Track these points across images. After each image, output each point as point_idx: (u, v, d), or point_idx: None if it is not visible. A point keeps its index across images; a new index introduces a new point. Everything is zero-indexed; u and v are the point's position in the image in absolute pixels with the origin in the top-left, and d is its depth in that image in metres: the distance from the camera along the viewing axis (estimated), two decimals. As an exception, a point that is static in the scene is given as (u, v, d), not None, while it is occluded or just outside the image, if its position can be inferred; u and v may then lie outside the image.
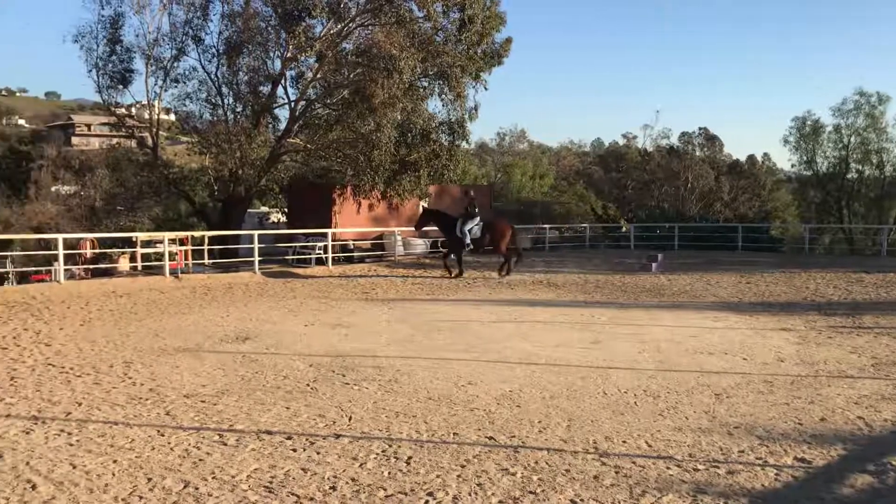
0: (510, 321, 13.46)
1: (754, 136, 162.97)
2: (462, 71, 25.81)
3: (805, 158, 43.83)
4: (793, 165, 46.55)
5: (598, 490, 5.31)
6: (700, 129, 53.82)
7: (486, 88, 28.27)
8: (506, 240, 21.58)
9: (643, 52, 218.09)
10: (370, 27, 25.49)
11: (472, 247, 21.22)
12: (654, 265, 23.22)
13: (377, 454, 5.99)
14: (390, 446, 6.19)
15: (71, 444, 6.16)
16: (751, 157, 57.01)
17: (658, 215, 38.98)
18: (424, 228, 22.76)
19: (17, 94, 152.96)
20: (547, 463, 5.86)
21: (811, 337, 11.92)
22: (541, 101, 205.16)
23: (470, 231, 20.89)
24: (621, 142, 68.92)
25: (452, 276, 21.00)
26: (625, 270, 23.09)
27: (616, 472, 5.66)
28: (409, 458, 5.91)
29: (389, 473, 5.56)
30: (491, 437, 6.49)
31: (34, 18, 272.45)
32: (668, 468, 5.78)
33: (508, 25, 28.54)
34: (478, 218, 21.18)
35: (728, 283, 19.81)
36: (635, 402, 7.78)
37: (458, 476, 5.53)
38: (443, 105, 27.23)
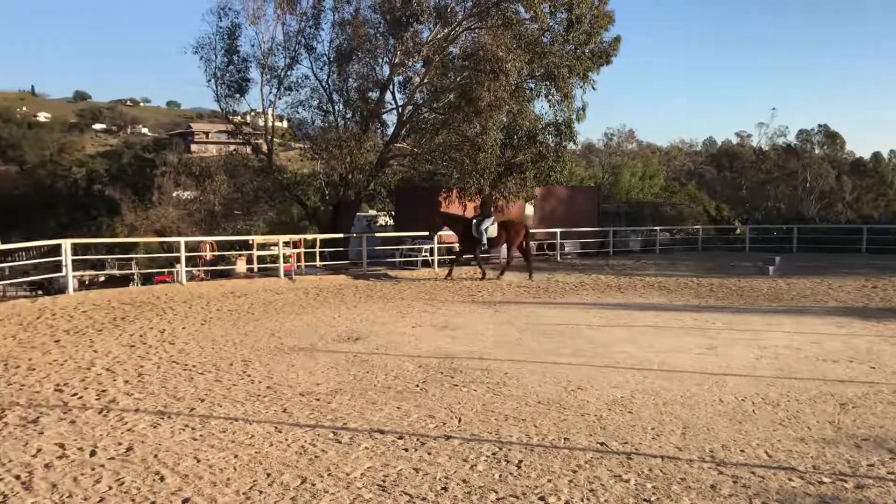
0: (620, 325, 13.23)
1: (880, 132, 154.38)
2: (569, 71, 25.55)
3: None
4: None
5: (715, 500, 5.15)
6: (820, 126, 51.54)
7: (594, 88, 27.89)
8: (520, 240, 21.49)
9: (758, 47, 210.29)
10: (476, 30, 25.56)
11: (487, 247, 21.28)
12: (771, 268, 22.33)
13: (487, 457, 5.99)
14: (500, 449, 6.19)
15: (195, 439, 6.44)
16: (876, 155, 54.07)
17: (775, 216, 37.47)
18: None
19: (142, 105, 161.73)
20: (661, 471, 5.72)
21: (946, 345, 11.18)
22: (650, 99, 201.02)
23: (486, 231, 20.90)
24: (735, 140, 66.72)
25: (483, 277, 20.91)
26: (740, 274, 22.29)
27: (734, 482, 5.47)
28: (520, 461, 5.89)
29: (500, 476, 5.55)
30: (603, 443, 6.40)
31: (157, 32, 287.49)
32: (790, 480, 5.55)
33: (617, 24, 28.08)
34: (493, 217, 21.19)
35: (852, 287, 18.83)
36: (753, 411, 7.50)
37: (570, 481, 5.47)
38: (549, 106, 27.03)
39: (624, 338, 11.90)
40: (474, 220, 21.08)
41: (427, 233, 22.78)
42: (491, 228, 20.99)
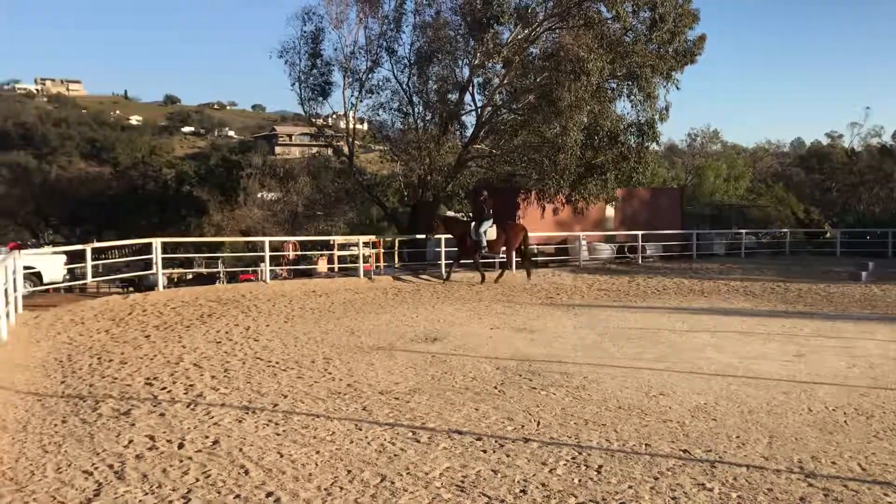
0: (704, 330, 12.91)
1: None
2: (652, 71, 25.08)
3: None
4: None
5: (805, 514, 4.96)
6: (918, 125, 49.02)
7: (677, 88, 27.28)
8: (518, 243, 21.09)
9: (850, 45, 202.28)
10: (557, 31, 25.37)
11: (487, 249, 20.76)
12: (864, 274, 21.44)
13: (567, 461, 5.92)
14: (580, 453, 6.11)
15: (278, 434, 6.58)
16: (979, 156, 51.18)
17: (868, 220, 35.91)
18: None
19: (228, 108, 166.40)
20: (746, 480, 5.55)
21: None
22: (736, 99, 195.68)
23: (485, 233, 20.43)
24: (825, 141, 64.29)
25: (482, 280, 20.40)
26: (830, 279, 21.47)
27: (825, 495, 5.26)
28: (600, 466, 5.80)
29: (580, 481, 5.48)
30: (685, 451, 6.24)
31: (243, 35, 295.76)
32: (885, 495, 5.30)
33: (702, 22, 27.40)
34: (491, 220, 20.72)
35: (953, 294, 17.91)
36: (845, 421, 7.20)
37: (652, 488, 5.35)
38: (632, 106, 26.56)
39: (707, 343, 11.61)
40: (472, 223, 20.67)
41: (425, 235, 22.50)
42: (490, 231, 20.58)
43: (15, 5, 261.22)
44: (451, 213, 23.88)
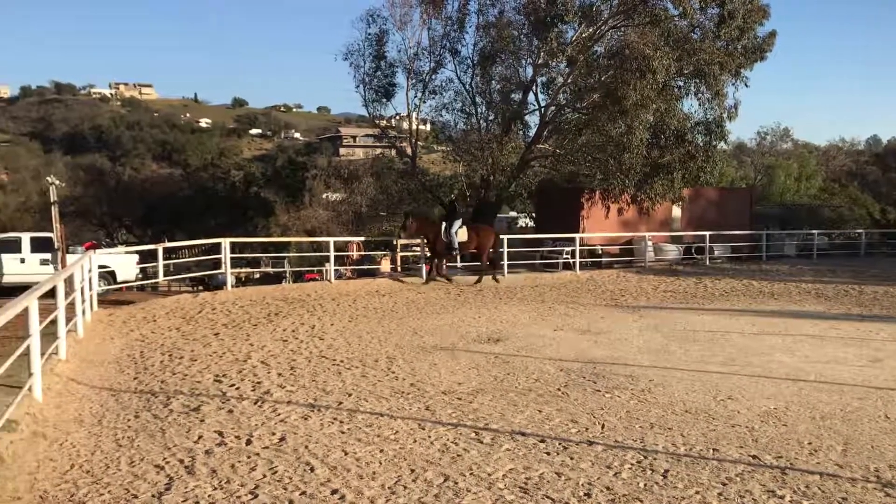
0: (774, 333, 12.57)
1: None
2: (720, 68, 24.59)
3: None
4: None
5: (883, 525, 4.79)
6: None
7: (746, 86, 26.78)
8: (489, 245, 20.46)
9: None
10: (622, 28, 25.08)
11: (458, 250, 20.11)
12: (944, 276, 20.59)
13: (632, 464, 5.84)
14: (645, 457, 6.01)
15: (342, 432, 6.65)
16: None
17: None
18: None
19: (294, 110, 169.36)
20: (819, 488, 5.38)
21: None
22: (808, 96, 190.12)
23: (456, 234, 19.69)
24: (902, 138, 61.94)
25: (426, 281, 19.67)
26: (908, 282, 20.67)
27: (905, 507, 5.06)
28: (666, 471, 5.70)
29: (645, 485, 5.39)
30: (755, 456, 6.08)
31: (309, 37, 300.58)
32: (970, 508, 5.07)
33: (772, 18, 26.74)
34: (461, 220, 20.11)
35: None
36: (926, 430, 6.92)
37: (720, 494, 5.23)
38: (699, 104, 26.14)
39: (778, 346, 11.30)
40: (444, 224, 19.84)
41: (398, 233, 21.90)
42: (461, 232, 19.87)
43: (90, 12, 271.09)
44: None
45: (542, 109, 27.60)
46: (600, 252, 25.88)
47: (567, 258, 23.67)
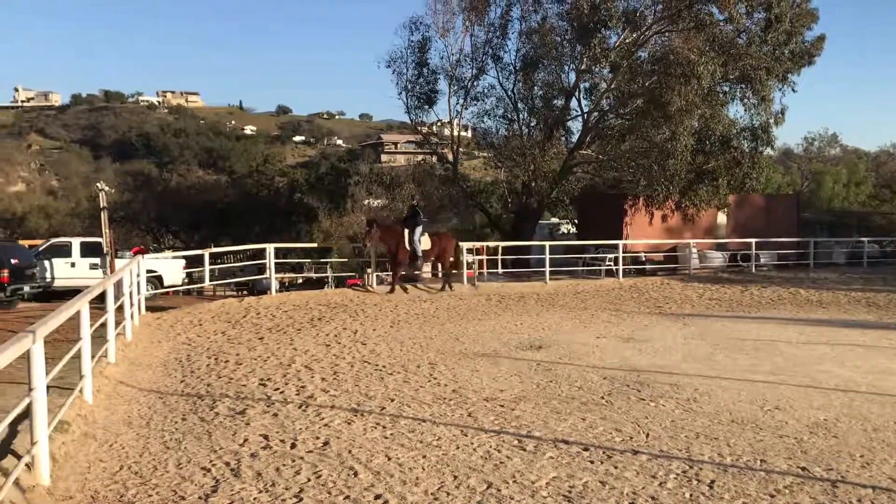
0: (823, 343, 12.31)
1: None
2: (767, 73, 24.23)
3: None
4: None
5: (939, 541, 4.65)
6: None
7: (793, 91, 26.33)
8: (451, 252, 19.61)
9: None
10: (667, 34, 24.87)
11: (422, 258, 19.08)
12: None
13: (677, 474, 5.76)
14: (691, 467, 5.92)
15: (385, 437, 6.67)
16: None
17: None
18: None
19: (337, 117, 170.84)
20: (872, 502, 5.25)
21: None
22: (857, 101, 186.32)
23: (419, 242, 18.64)
24: (957, 144, 60.31)
25: (390, 292, 18.47)
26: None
27: (962, 523, 4.91)
28: (712, 481, 5.61)
29: (691, 496, 5.31)
30: (804, 468, 5.96)
31: (352, 47, 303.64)
32: None
33: (821, 21, 26.30)
34: (421, 227, 18.86)
35: None
36: (984, 444, 6.71)
37: (768, 507, 5.14)
38: (745, 110, 25.82)
39: (827, 356, 11.07)
40: (407, 231, 18.63)
41: (361, 243, 20.39)
42: (424, 240, 18.83)
43: (139, 22, 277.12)
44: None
45: (585, 115, 27.48)
46: (644, 259, 25.61)
47: (610, 265, 23.47)
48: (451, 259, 19.81)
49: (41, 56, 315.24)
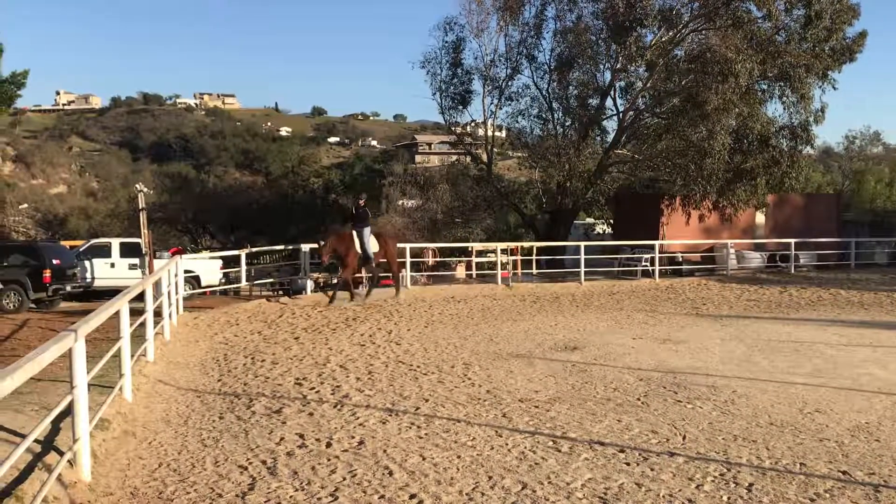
0: (864, 345, 12.08)
1: None
2: (807, 71, 23.84)
3: None
4: None
5: None
6: None
7: (834, 88, 25.88)
8: (396, 252, 18.23)
9: None
10: (703, 32, 24.62)
11: (373, 261, 17.29)
12: None
13: (714, 477, 5.68)
14: (729, 470, 5.84)
15: (420, 437, 6.68)
16: None
17: None
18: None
19: (371, 118, 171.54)
20: (916, 508, 5.13)
21: None
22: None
23: (368, 244, 17.04)
24: None
25: (330, 303, 16.60)
26: None
27: None
28: (750, 484, 5.52)
29: (729, 499, 5.24)
30: (845, 472, 5.84)
31: (386, 47, 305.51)
32: None
33: (862, 17, 25.79)
34: (369, 228, 17.31)
35: None
36: None
37: (809, 511, 5.05)
38: (783, 108, 25.48)
39: (868, 358, 10.85)
40: (355, 234, 17.01)
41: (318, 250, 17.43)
42: (372, 241, 17.21)
43: (177, 27, 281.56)
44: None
45: (621, 114, 27.30)
46: (680, 259, 25.36)
47: (646, 265, 23.27)
48: (397, 261, 18.30)
49: (81, 60, 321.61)
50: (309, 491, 5.34)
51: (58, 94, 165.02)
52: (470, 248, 26.90)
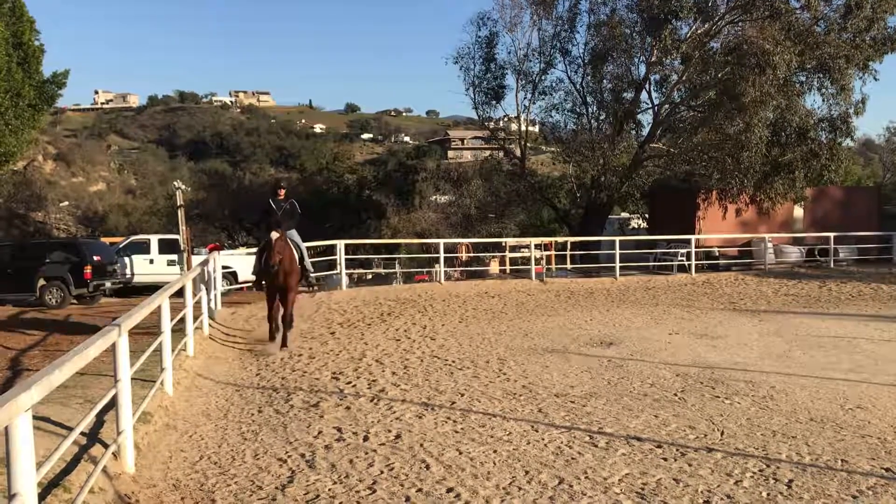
0: (907, 340, 11.86)
1: None
2: (846, 61, 23.42)
3: None
4: None
5: None
6: None
7: (875, 79, 25.38)
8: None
9: None
10: (740, 23, 24.31)
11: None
12: None
13: (754, 473, 5.63)
14: (768, 466, 5.79)
15: (456, 432, 6.71)
16: None
17: None
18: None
19: (404, 114, 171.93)
20: (962, 506, 5.04)
21: None
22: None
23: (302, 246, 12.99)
24: None
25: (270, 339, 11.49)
26: None
27: None
28: (791, 481, 5.47)
29: (768, 495, 5.20)
30: (888, 469, 5.76)
31: (418, 41, 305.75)
32: None
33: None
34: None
35: None
36: None
37: (851, 508, 4.99)
38: (822, 100, 25.07)
39: (912, 354, 10.66)
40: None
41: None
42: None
43: (213, 26, 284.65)
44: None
45: (656, 108, 27.08)
46: (717, 254, 25.08)
47: (682, 260, 23.05)
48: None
49: (119, 59, 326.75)
50: (347, 484, 5.40)
51: (96, 93, 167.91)
52: (504, 244, 26.90)
